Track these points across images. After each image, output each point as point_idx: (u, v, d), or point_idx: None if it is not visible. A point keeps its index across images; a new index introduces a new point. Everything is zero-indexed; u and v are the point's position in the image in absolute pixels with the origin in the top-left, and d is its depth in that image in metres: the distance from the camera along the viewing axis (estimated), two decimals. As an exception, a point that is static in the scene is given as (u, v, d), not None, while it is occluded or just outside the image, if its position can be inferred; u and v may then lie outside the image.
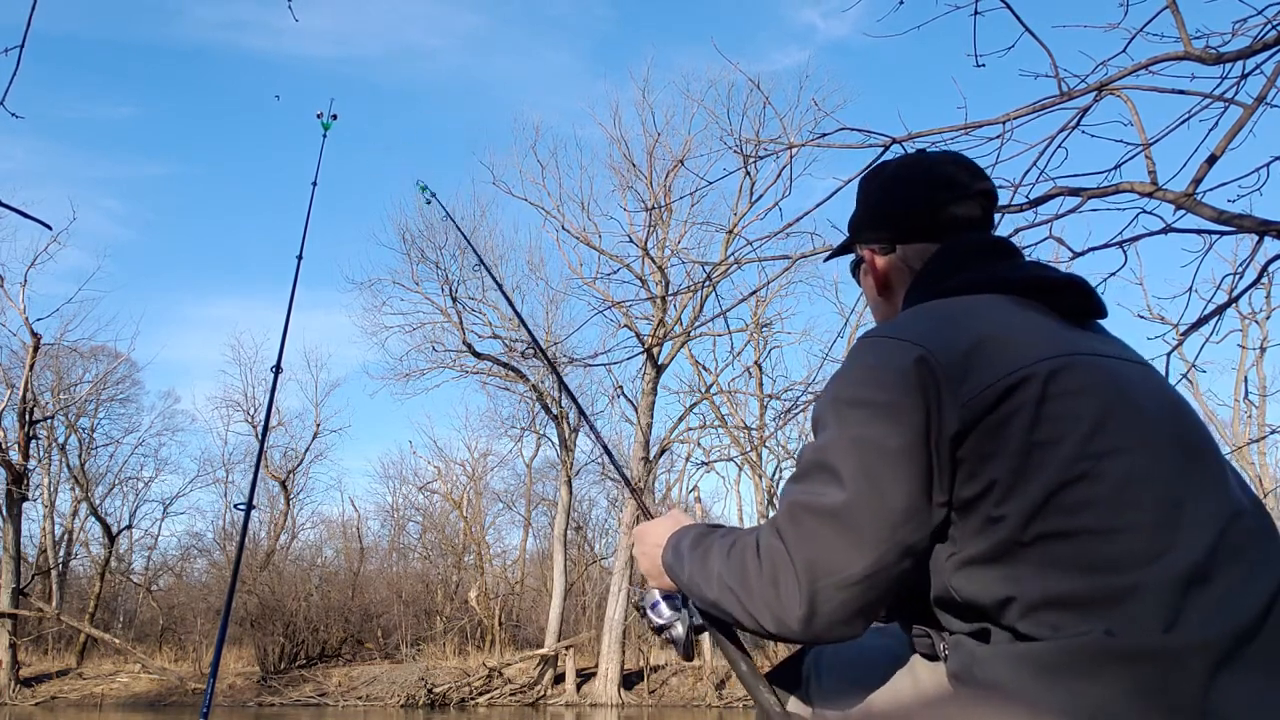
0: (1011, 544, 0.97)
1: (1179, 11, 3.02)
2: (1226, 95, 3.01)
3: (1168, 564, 0.92)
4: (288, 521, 27.74)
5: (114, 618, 28.00)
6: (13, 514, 20.91)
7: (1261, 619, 0.92)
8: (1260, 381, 20.72)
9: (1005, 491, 0.98)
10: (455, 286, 21.71)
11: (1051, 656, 0.92)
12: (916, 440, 1.01)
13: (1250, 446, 20.67)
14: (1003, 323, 1.09)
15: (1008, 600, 0.97)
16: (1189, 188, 3.00)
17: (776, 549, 1.06)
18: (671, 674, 20.95)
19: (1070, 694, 0.90)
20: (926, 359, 1.03)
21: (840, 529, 1.02)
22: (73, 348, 24.33)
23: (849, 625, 1.04)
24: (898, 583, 1.04)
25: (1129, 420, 1.02)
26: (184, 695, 19.87)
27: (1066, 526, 0.95)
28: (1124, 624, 0.90)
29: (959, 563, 1.02)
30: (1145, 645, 0.89)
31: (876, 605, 1.05)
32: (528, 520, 28.71)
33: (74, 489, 27.11)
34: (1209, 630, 0.89)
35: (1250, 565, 0.95)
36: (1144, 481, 0.97)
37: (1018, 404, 1.00)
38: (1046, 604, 0.94)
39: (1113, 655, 0.89)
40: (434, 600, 25.37)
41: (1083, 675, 0.90)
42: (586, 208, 22.17)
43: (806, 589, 1.02)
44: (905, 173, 1.34)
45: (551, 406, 22.49)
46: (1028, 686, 0.92)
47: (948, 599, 1.04)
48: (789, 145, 4.03)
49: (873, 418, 1.04)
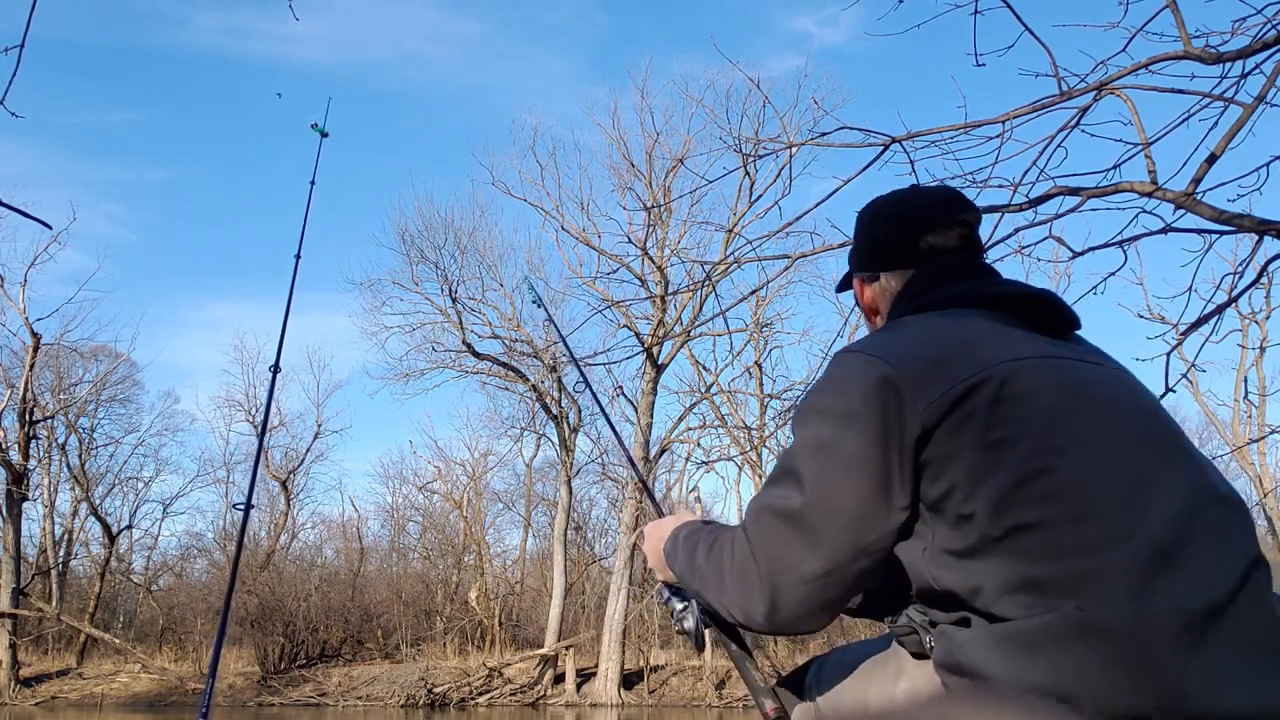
0: (983, 538, 1.02)
1: (1179, 11, 3.02)
2: (1226, 95, 3.01)
3: (1134, 545, 0.96)
4: (288, 521, 27.77)
5: (114, 618, 28.02)
6: (13, 514, 20.92)
7: (1231, 597, 0.95)
8: (1260, 381, 20.74)
9: (969, 490, 1.03)
10: (455, 287, 21.73)
11: (1025, 634, 0.96)
12: (875, 447, 1.08)
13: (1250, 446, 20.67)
14: (966, 334, 1.16)
15: (982, 587, 1.01)
16: (1189, 187, 2.99)
17: (743, 547, 1.16)
18: (672, 674, 20.95)
19: (1044, 669, 0.94)
20: (888, 370, 1.10)
21: (798, 530, 1.10)
22: (73, 348, 24.37)
23: (810, 619, 1.12)
24: (859, 580, 1.11)
25: (1089, 415, 1.07)
26: (184, 695, 19.87)
27: (1033, 518, 1.00)
28: (1093, 600, 0.94)
29: (934, 556, 1.07)
30: (1114, 619, 0.93)
31: (837, 601, 1.12)
32: (528, 520, 28.73)
33: (74, 489, 27.15)
34: (1178, 605, 0.93)
35: (1220, 547, 0.99)
36: (1107, 471, 1.02)
37: (974, 406, 1.06)
38: (1019, 587, 0.98)
39: (1083, 630, 0.93)
40: (434, 600, 25.37)
41: (1055, 650, 0.94)
42: (586, 208, 22.20)
43: (768, 585, 1.12)
44: (889, 209, 1.43)
45: (551, 406, 22.49)
46: (1004, 664, 0.96)
47: (928, 590, 1.09)
48: (789, 144, 4.02)
49: (834, 425, 1.12)
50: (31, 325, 21.22)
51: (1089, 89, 3.12)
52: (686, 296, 19.66)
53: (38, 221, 2.03)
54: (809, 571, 1.09)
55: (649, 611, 22.38)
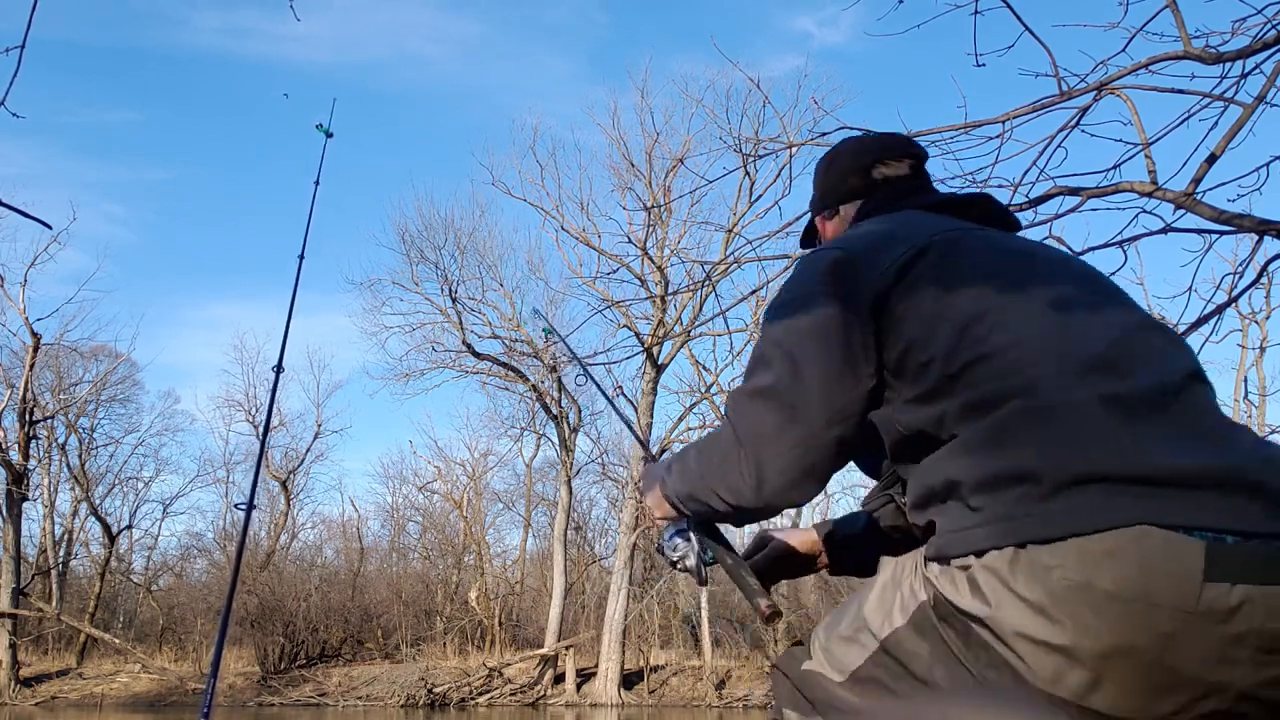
0: (940, 377, 1.10)
1: (1179, 11, 3.02)
2: (1226, 95, 3.01)
3: (1076, 357, 1.05)
4: (288, 521, 27.77)
5: (114, 618, 28.01)
6: (13, 514, 20.92)
7: (1167, 392, 1.02)
8: (1260, 381, 20.72)
9: (925, 341, 1.12)
10: (455, 287, 21.73)
11: (980, 434, 1.05)
12: (835, 318, 1.17)
13: (1250, 446, 20.66)
14: (910, 219, 1.29)
15: (945, 415, 1.09)
16: (1189, 187, 2.99)
17: (727, 432, 1.23)
18: (672, 674, 20.96)
19: (1000, 457, 1.01)
20: (841, 256, 1.22)
21: (775, 403, 1.18)
22: (73, 348, 24.36)
23: (795, 488, 1.19)
24: (837, 448, 1.18)
25: (1031, 264, 1.19)
26: (184, 695, 19.87)
27: (983, 350, 1.08)
28: (1038, 395, 1.03)
29: (901, 408, 1.15)
30: (1056, 402, 1.01)
31: (819, 468, 1.18)
32: (528, 520, 28.73)
33: (74, 489, 27.14)
34: (1116, 393, 1.01)
35: (1157, 359, 1.07)
36: (1049, 306, 1.12)
37: (921, 268, 1.17)
38: (973, 405, 1.07)
39: (1029, 414, 1.02)
40: (434, 600, 25.37)
41: (1009, 438, 1.02)
42: (586, 208, 22.19)
43: (752, 459, 1.18)
44: (844, 149, 1.56)
45: (551, 406, 22.50)
46: (969, 468, 1.04)
47: (899, 440, 1.17)
48: (789, 144, 4.02)
49: (797, 308, 1.22)
50: (31, 325, 21.25)
51: (1089, 89, 3.12)
52: (686, 296, 19.67)
53: (38, 221, 2.03)
54: (789, 439, 1.16)
55: (649, 611, 22.38)
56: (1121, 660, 0.90)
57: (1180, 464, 0.94)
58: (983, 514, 1.00)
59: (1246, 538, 0.90)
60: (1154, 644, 0.89)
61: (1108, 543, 0.90)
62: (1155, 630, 0.89)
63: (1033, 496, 0.97)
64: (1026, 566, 0.93)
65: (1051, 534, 0.93)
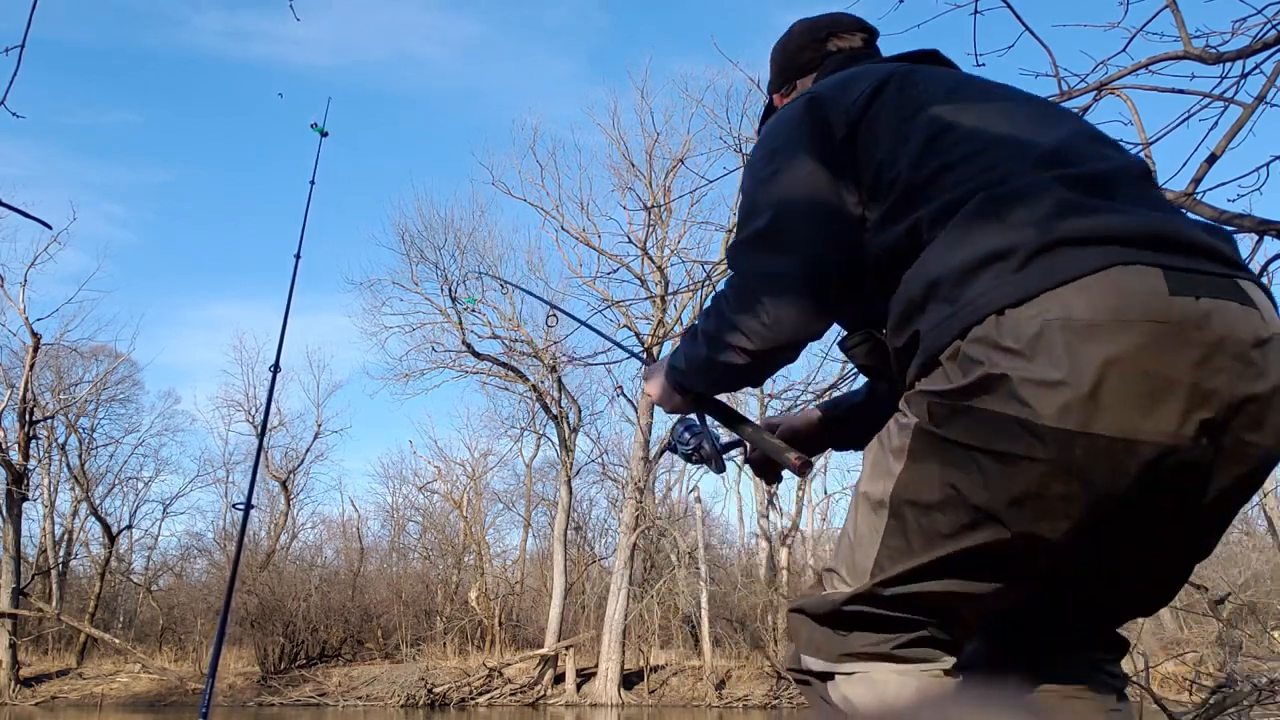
0: (909, 188, 1.16)
1: (1179, 11, 3.01)
2: (1226, 95, 3.01)
3: (1030, 155, 1.12)
4: (288, 521, 27.75)
5: (114, 618, 27.99)
6: (13, 514, 20.91)
7: (1114, 176, 1.11)
8: (1260, 381, 20.68)
9: (893, 158, 1.18)
10: (454, 287, 21.72)
11: (952, 235, 1.09)
12: (814, 156, 1.24)
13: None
14: (866, 67, 1.36)
15: (919, 222, 1.14)
16: (1189, 187, 2.99)
17: (732, 285, 1.29)
18: (672, 674, 20.95)
19: (974, 242, 1.06)
20: (811, 98, 1.30)
21: (770, 243, 1.24)
22: (73, 348, 24.35)
23: (803, 324, 1.24)
24: (838, 276, 1.23)
25: (980, 88, 1.27)
26: (184, 695, 19.86)
27: (947, 160, 1.15)
28: (1001, 184, 1.09)
29: (877, 229, 1.20)
30: (1017, 187, 1.08)
31: (822, 299, 1.24)
32: (528, 520, 28.71)
33: (74, 489, 27.12)
34: (1070, 175, 1.09)
35: (1104, 155, 1.16)
36: (1004, 119, 1.19)
37: (884, 99, 1.24)
38: (945, 207, 1.12)
39: (994, 203, 1.07)
40: (434, 600, 25.36)
41: (975, 231, 1.07)
42: (586, 208, 22.19)
43: (758, 299, 1.24)
44: (795, 29, 1.60)
45: (551, 406, 22.49)
46: (946, 261, 1.08)
47: (877, 259, 1.21)
48: (789, 145, 4.01)
49: (776, 155, 1.28)
50: (31, 325, 21.23)
51: (1089, 89, 3.12)
52: (686, 296, 19.67)
53: (38, 221, 2.03)
54: (790, 274, 1.22)
55: (649, 611, 22.37)
56: (1113, 373, 0.94)
57: (1135, 224, 1.02)
58: (961, 299, 1.04)
59: (1196, 272, 0.99)
60: (1139, 352, 0.94)
61: (1081, 283, 0.97)
62: (1137, 341, 0.94)
63: (1007, 270, 1.01)
64: (1010, 323, 0.98)
65: (1029, 292, 0.98)
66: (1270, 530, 20.25)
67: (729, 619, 22.03)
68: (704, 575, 21.95)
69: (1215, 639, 12.82)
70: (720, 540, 29.30)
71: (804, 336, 1.26)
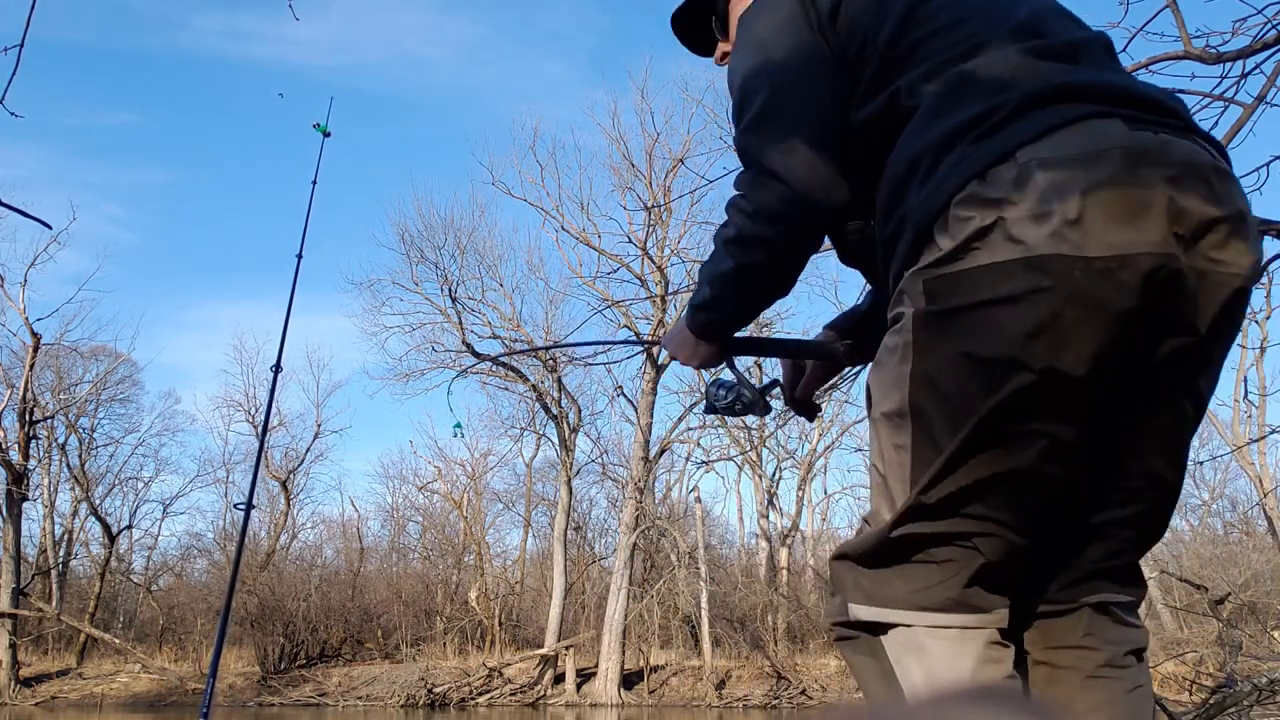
0: (888, 60, 1.20)
1: (1179, 11, 3.02)
2: (1226, 95, 3.01)
3: (1004, 26, 1.17)
4: (288, 521, 27.74)
5: (114, 618, 27.99)
6: (13, 514, 20.90)
7: (1075, 45, 1.16)
8: (1260, 381, 20.70)
9: (875, 30, 1.22)
10: (454, 287, 21.72)
11: (932, 107, 1.13)
12: (798, 31, 1.26)
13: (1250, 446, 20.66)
14: None
15: (898, 91, 1.18)
16: (1189, 187, 2.99)
17: (743, 178, 1.29)
18: (672, 674, 20.95)
19: (956, 107, 1.10)
20: None
21: (775, 116, 1.25)
22: (73, 348, 24.36)
23: (832, 179, 1.24)
24: (843, 133, 1.24)
25: None
26: (184, 695, 19.86)
27: (925, 31, 1.18)
28: (976, 54, 1.14)
29: (861, 100, 1.23)
30: (986, 58, 1.13)
31: (840, 157, 1.24)
32: (528, 520, 28.71)
33: (74, 489, 27.12)
34: (1038, 44, 1.14)
35: (1069, 27, 1.21)
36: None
37: None
38: (926, 75, 1.16)
39: (964, 76, 1.12)
40: (434, 600, 25.35)
41: (954, 103, 1.11)
42: (585, 208, 22.17)
43: (780, 171, 1.24)
44: None
45: (551, 406, 22.49)
46: (920, 141, 1.12)
47: (861, 130, 1.24)
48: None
49: (763, 36, 1.29)
50: (31, 325, 21.22)
51: (1089, 89, 3.12)
52: (686, 296, 19.65)
53: (37, 221, 2.03)
54: (800, 137, 1.23)
55: (649, 611, 22.37)
56: (1095, 197, 0.98)
57: (1098, 83, 1.08)
58: (944, 168, 1.07)
59: (1153, 121, 1.06)
60: (1115, 176, 0.99)
61: (1054, 135, 1.03)
62: (1111, 167, 0.99)
63: (984, 135, 1.06)
64: (993, 178, 1.02)
65: (1007, 149, 1.03)
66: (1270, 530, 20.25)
67: (729, 619, 22.03)
68: (704, 575, 21.95)
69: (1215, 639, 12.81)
70: (720, 540, 29.33)
71: (829, 194, 1.25)
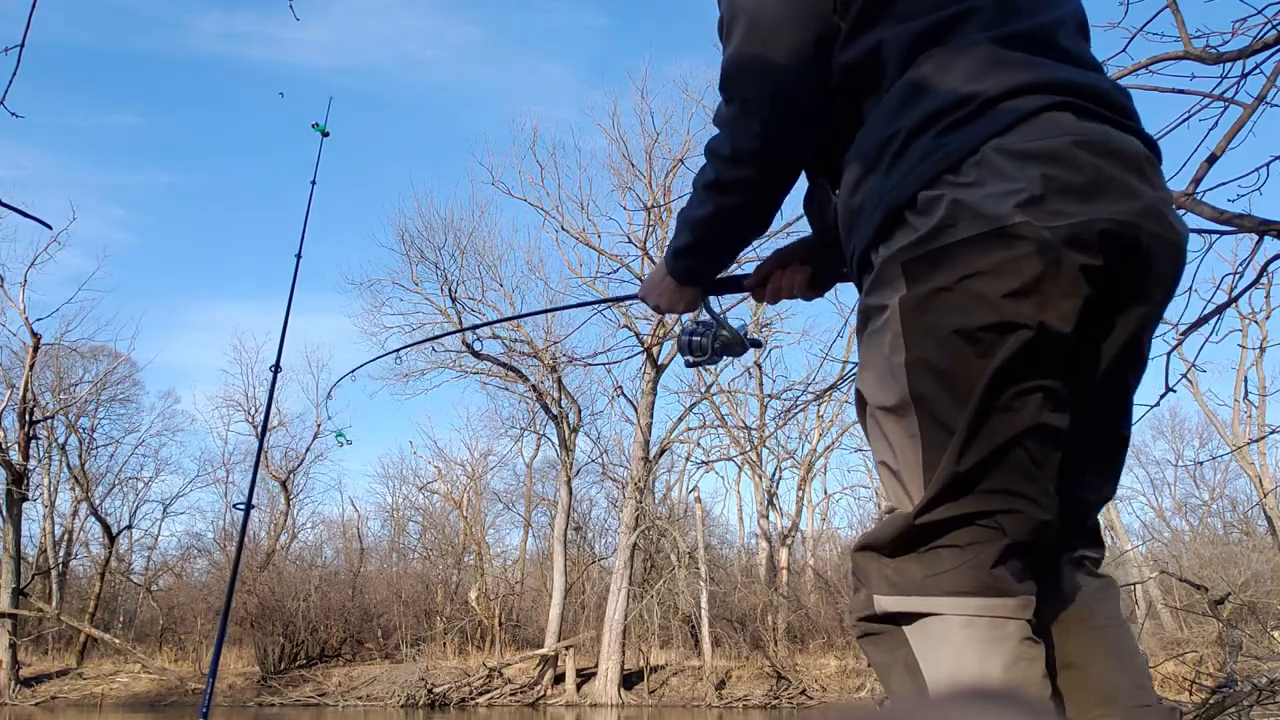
0: (871, 4, 1.20)
1: (1179, 11, 3.02)
2: (1226, 95, 3.01)
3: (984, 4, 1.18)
4: (288, 521, 27.73)
5: (114, 618, 27.98)
6: (13, 514, 20.90)
7: (1048, 28, 1.20)
8: (1260, 381, 20.71)
9: None
10: (454, 287, 21.72)
11: (909, 87, 1.16)
12: None
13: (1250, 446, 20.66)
14: None
15: (879, 44, 1.20)
16: (1189, 187, 2.99)
17: (726, 111, 1.31)
18: (672, 674, 20.95)
19: (925, 104, 1.13)
20: None
21: (756, 41, 1.25)
22: (73, 348, 24.34)
23: (807, 127, 1.26)
24: (822, 69, 1.24)
25: None
26: (184, 695, 19.85)
27: None
28: (954, 32, 1.17)
29: (843, 44, 1.23)
30: (958, 44, 1.16)
31: (823, 86, 1.25)
32: (528, 520, 28.70)
33: (74, 489, 27.10)
34: (1009, 30, 1.17)
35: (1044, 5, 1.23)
36: None
37: None
38: (907, 42, 1.17)
39: (937, 64, 1.15)
40: (434, 600, 25.34)
41: (928, 88, 1.14)
42: (585, 208, 22.19)
43: (758, 93, 1.25)
44: None
45: (551, 406, 22.48)
46: (897, 120, 1.15)
47: (843, 83, 1.25)
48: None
49: None
50: (31, 325, 21.22)
51: (1089, 89, 3.12)
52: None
53: (37, 221, 2.03)
54: (780, 61, 1.23)
55: (649, 611, 22.36)
56: (1052, 178, 1.06)
57: (1057, 78, 1.14)
58: (915, 154, 1.11)
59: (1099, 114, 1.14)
60: (1068, 160, 1.07)
61: (1017, 128, 1.09)
62: (1064, 152, 1.07)
63: (956, 125, 1.11)
64: (970, 167, 1.08)
65: (974, 143, 1.08)
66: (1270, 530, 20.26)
67: (729, 619, 22.02)
68: (704, 575, 21.95)
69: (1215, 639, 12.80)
70: (720, 540, 29.32)
71: (807, 136, 1.27)
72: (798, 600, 22.39)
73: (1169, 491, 28.27)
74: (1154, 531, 27.59)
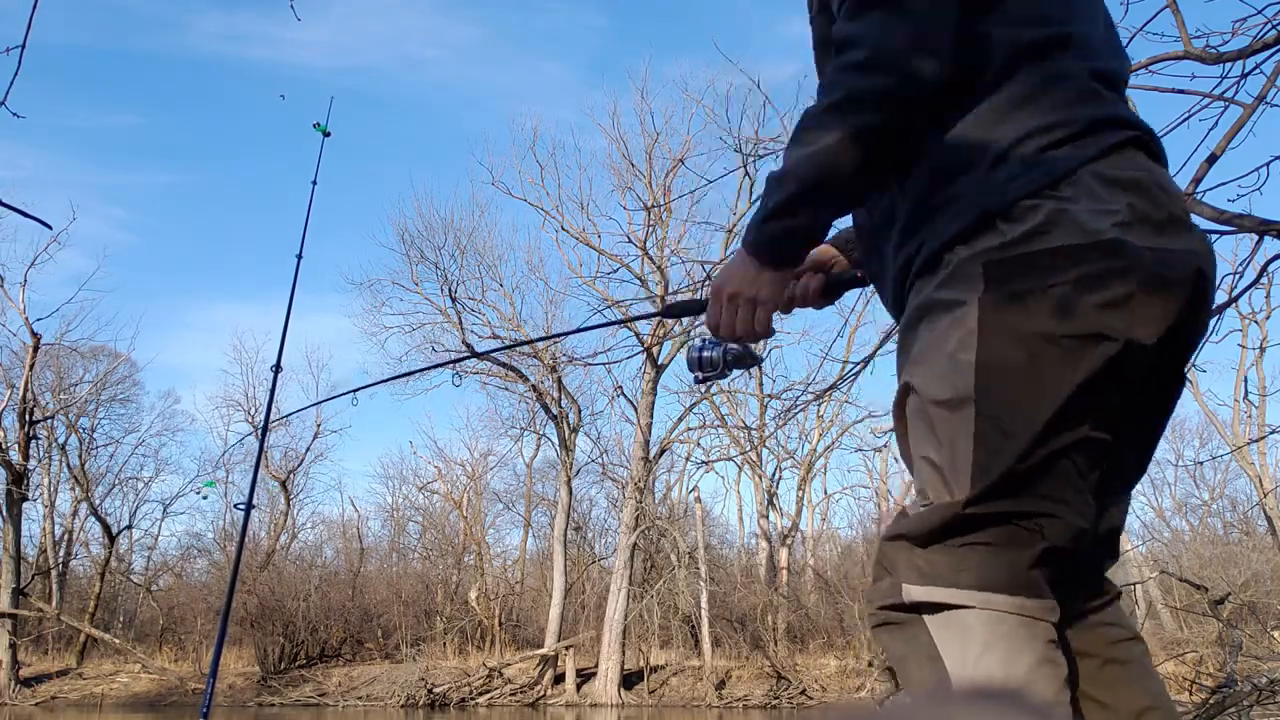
0: None
1: (1179, 11, 3.02)
2: (1226, 95, 3.01)
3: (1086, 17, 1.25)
4: (288, 521, 27.73)
5: (114, 618, 27.97)
6: (13, 514, 20.90)
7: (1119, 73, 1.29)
8: (1260, 381, 20.69)
9: None
10: (454, 286, 21.72)
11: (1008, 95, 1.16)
12: None
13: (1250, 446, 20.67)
14: None
15: (984, 39, 1.17)
16: (1189, 187, 2.99)
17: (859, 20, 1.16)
18: (672, 674, 20.95)
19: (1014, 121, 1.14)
20: None
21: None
22: (73, 348, 24.34)
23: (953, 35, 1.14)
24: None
25: None
26: (184, 695, 19.85)
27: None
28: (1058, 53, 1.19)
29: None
30: (1059, 68, 1.17)
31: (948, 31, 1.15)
32: (528, 520, 28.70)
33: (74, 489, 27.10)
34: (1096, 66, 1.21)
35: (1116, 52, 1.31)
36: None
37: None
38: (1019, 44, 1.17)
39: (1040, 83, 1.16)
40: (434, 600, 25.34)
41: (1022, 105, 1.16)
42: (585, 208, 22.18)
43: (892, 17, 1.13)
44: None
45: (551, 406, 22.48)
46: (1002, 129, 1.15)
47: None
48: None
49: None
50: (31, 325, 21.22)
51: (1089, 89, 3.12)
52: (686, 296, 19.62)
53: (37, 221, 2.03)
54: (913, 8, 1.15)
55: (649, 611, 22.37)
56: (1136, 208, 1.10)
57: (1126, 117, 1.20)
58: (1015, 164, 1.13)
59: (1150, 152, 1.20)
60: (1146, 195, 1.12)
61: (1109, 155, 1.13)
62: (1144, 187, 1.12)
63: (1057, 144, 1.13)
64: (1067, 185, 1.10)
65: (1074, 166, 1.11)
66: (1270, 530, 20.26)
67: (729, 619, 22.02)
68: (704, 575, 21.95)
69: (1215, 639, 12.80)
70: (720, 540, 29.32)
71: (954, 31, 1.13)
72: (798, 600, 22.39)
73: (1169, 491, 28.27)
74: (1154, 531, 27.60)
